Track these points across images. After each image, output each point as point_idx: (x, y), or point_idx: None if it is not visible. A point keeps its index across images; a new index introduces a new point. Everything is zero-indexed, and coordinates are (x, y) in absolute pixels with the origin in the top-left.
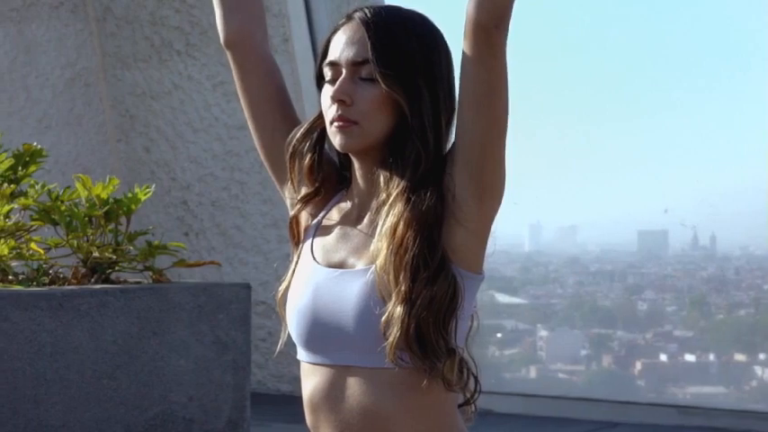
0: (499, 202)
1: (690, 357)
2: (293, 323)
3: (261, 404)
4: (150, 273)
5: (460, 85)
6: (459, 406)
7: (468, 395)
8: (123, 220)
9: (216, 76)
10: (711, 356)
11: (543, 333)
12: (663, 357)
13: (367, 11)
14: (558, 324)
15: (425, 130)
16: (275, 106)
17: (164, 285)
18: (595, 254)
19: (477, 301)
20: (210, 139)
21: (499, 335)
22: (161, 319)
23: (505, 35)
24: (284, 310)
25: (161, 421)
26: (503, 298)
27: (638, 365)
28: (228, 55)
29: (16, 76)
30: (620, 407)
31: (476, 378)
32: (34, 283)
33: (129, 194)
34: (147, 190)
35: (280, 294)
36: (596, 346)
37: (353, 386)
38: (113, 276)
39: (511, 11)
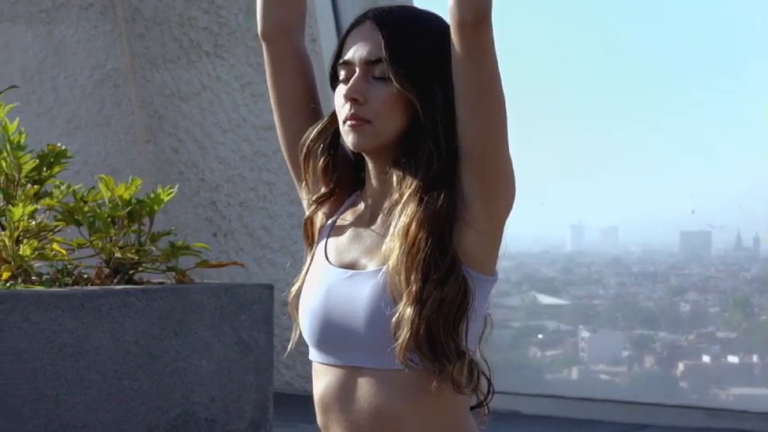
0: (509, 203)
1: (733, 359)
2: (305, 324)
3: (288, 405)
4: (173, 273)
5: (454, 87)
6: (472, 408)
7: (482, 397)
8: (147, 220)
9: (244, 77)
10: (755, 358)
11: (585, 334)
12: (705, 359)
13: (381, 10)
14: (599, 325)
15: (438, 129)
16: (304, 106)
17: (186, 286)
18: (637, 255)
19: (491, 303)
20: (239, 140)
21: (540, 336)
22: (183, 320)
23: (490, 30)
24: (296, 310)
25: (183, 422)
26: (544, 299)
27: (681, 367)
28: (264, 47)
29: (45, 77)
30: (648, 409)
31: (488, 380)
32: (56, 284)
33: (152, 195)
34: (170, 190)
35: (292, 295)
36: (638, 348)
37: (364, 387)
38: (136, 277)
39: (490, 6)
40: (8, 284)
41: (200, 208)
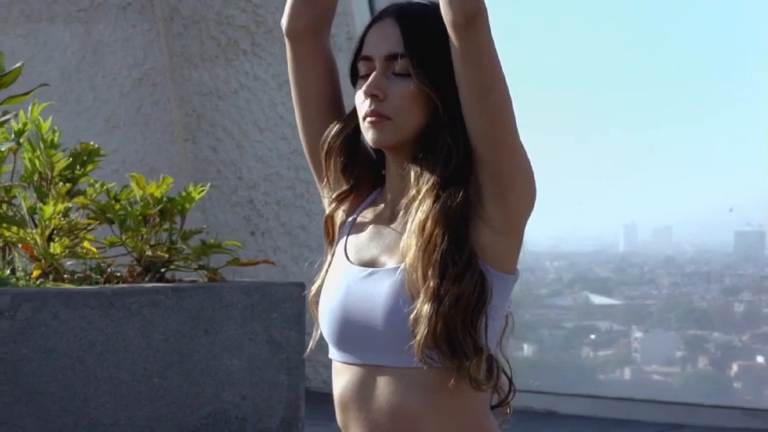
0: (529, 201)
1: None
2: (324, 322)
3: (324, 403)
4: (205, 272)
5: (458, 89)
6: (493, 407)
7: (503, 396)
8: (179, 219)
9: (281, 75)
10: None
11: (638, 334)
12: (760, 359)
13: (401, 6)
14: (653, 325)
15: (457, 125)
16: (327, 106)
17: (216, 284)
18: (691, 254)
19: (512, 301)
20: (276, 138)
21: (593, 336)
22: (213, 318)
23: (483, 29)
24: (317, 309)
25: (213, 420)
26: (597, 299)
27: (734, 367)
28: (288, 46)
29: (84, 77)
30: (686, 409)
31: (510, 379)
32: (87, 282)
33: (183, 193)
34: (202, 189)
35: (312, 293)
36: (692, 348)
37: (383, 386)
38: (168, 275)
39: (482, 6)
40: (38, 282)
41: (237, 207)
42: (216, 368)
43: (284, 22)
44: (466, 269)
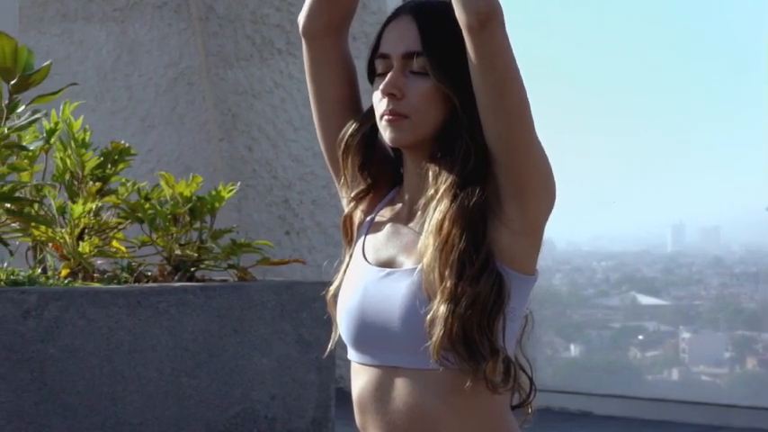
0: (548, 202)
1: None
2: (342, 323)
3: None
4: (235, 271)
5: (474, 92)
6: (514, 408)
7: (524, 396)
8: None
9: None
10: None
11: (686, 335)
12: None
13: (419, 3)
14: (701, 326)
15: (475, 124)
16: (344, 108)
17: (245, 283)
18: (739, 255)
19: (530, 303)
20: (311, 138)
21: (641, 336)
22: (242, 318)
23: (499, 31)
24: (335, 309)
25: (242, 420)
26: (645, 299)
27: None
28: (305, 45)
29: (119, 76)
30: (722, 410)
31: (530, 379)
32: (115, 281)
33: (213, 192)
34: (232, 188)
35: (330, 294)
36: (740, 349)
37: (400, 387)
38: (198, 274)
39: (496, 6)
40: (66, 281)
41: (273, 206)
42: (245, 368)
43: (301, 20)
44: (483, 270)
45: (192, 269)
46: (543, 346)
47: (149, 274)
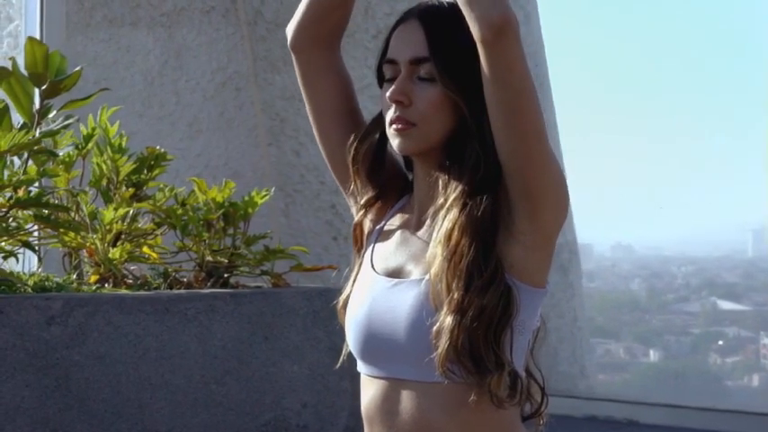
0: (560, 215)
1: None
2: (350, 334)
3: None
4: (268, 277)
5: (486, 103)
6: (525, 419)
7: (536, 407)
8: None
9: (363, 79)
10: None
11: (767, 341)
12: None
13: (427, 7)
14: None
15: (485, 132)
16: (343, 120)
17: (277, 290)
18: None
19: (540, 317)
20: None
21: (721, 342)
22: (273, 324)
23: (513, 44)
24: (345, 319)
25: (273, 428)
26: (725, 304)
27: None
28: (294, 58)
29: (166, 81)
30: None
31: (543, 389)
32: (144, 288)
33: (246, 198)
34: (266, 194)
35: (340, 304)
36: None
37: (406, 400)
38: (232, 281)
39: (510, 16)
40: (95, 287)
41: (320, 212)
42: (276, 375)
43: (288, 33)
44: (491, 281)
45: (226, 275)
46: (593, 353)
47: (184, 280)
